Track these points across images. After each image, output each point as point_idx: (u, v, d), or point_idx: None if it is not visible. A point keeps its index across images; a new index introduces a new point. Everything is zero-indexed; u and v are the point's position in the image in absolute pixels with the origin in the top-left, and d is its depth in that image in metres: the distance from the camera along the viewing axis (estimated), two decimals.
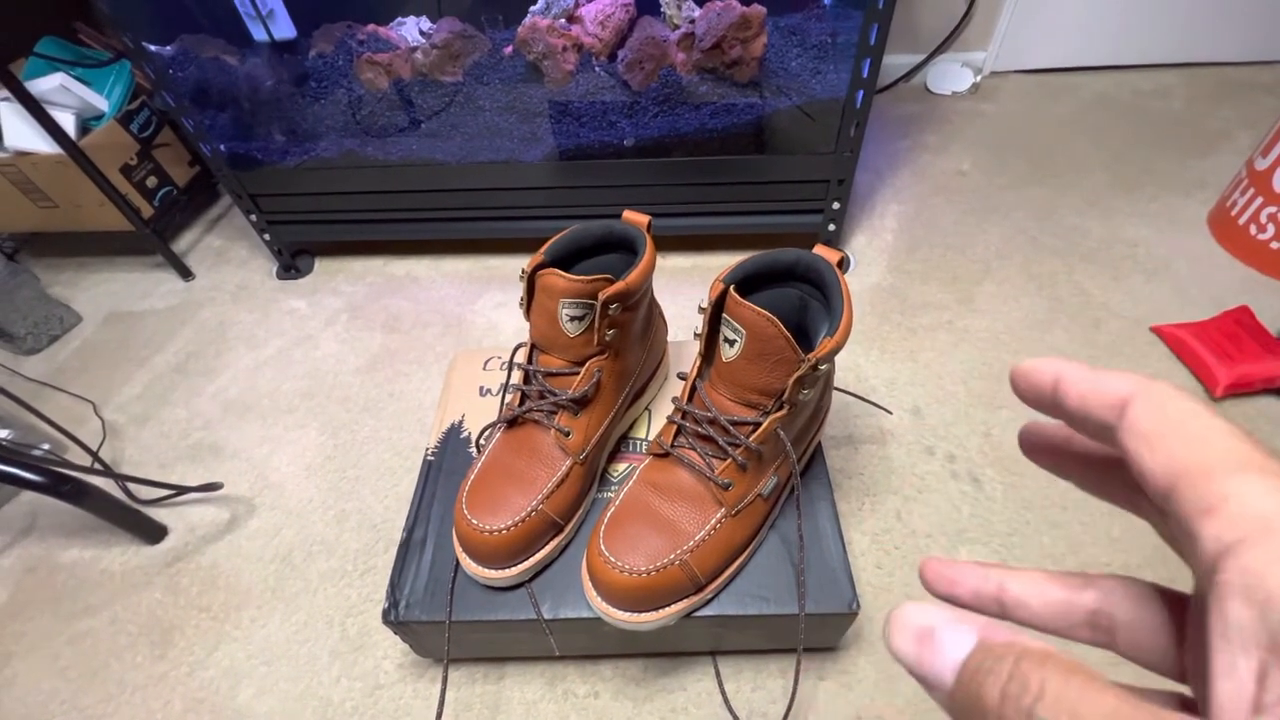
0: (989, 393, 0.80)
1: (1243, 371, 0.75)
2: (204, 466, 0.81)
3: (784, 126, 0.90)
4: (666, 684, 0.59)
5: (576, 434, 0.51)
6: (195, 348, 0.97)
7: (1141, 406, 0.15)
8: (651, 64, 0.85)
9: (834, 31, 0.87)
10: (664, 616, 0.47)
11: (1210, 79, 1.35)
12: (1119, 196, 1.08)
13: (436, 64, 0.88)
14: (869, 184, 1.15)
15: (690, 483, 0.48)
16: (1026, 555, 0.65)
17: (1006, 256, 0.99)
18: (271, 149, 0.96)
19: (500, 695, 0.59)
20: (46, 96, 0.92)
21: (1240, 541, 0.12)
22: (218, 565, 0.71)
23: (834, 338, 0.42)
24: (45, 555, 0.73)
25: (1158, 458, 0.14)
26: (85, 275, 1.13)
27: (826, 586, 0.50)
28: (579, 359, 0.50)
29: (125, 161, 1.01)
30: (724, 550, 0.48)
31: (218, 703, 0.60)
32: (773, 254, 0.46)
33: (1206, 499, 0.13)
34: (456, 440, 0.61)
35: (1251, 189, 0.92)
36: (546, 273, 0.47)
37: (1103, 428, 0.16)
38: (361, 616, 0.65)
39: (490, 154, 0.93)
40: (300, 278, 1.07)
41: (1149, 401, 0.15)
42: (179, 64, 0.89)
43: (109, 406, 0.89)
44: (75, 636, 0.66)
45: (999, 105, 1.34)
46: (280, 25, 0.88)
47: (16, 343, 0.98)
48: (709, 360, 0.47)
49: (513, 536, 0.48)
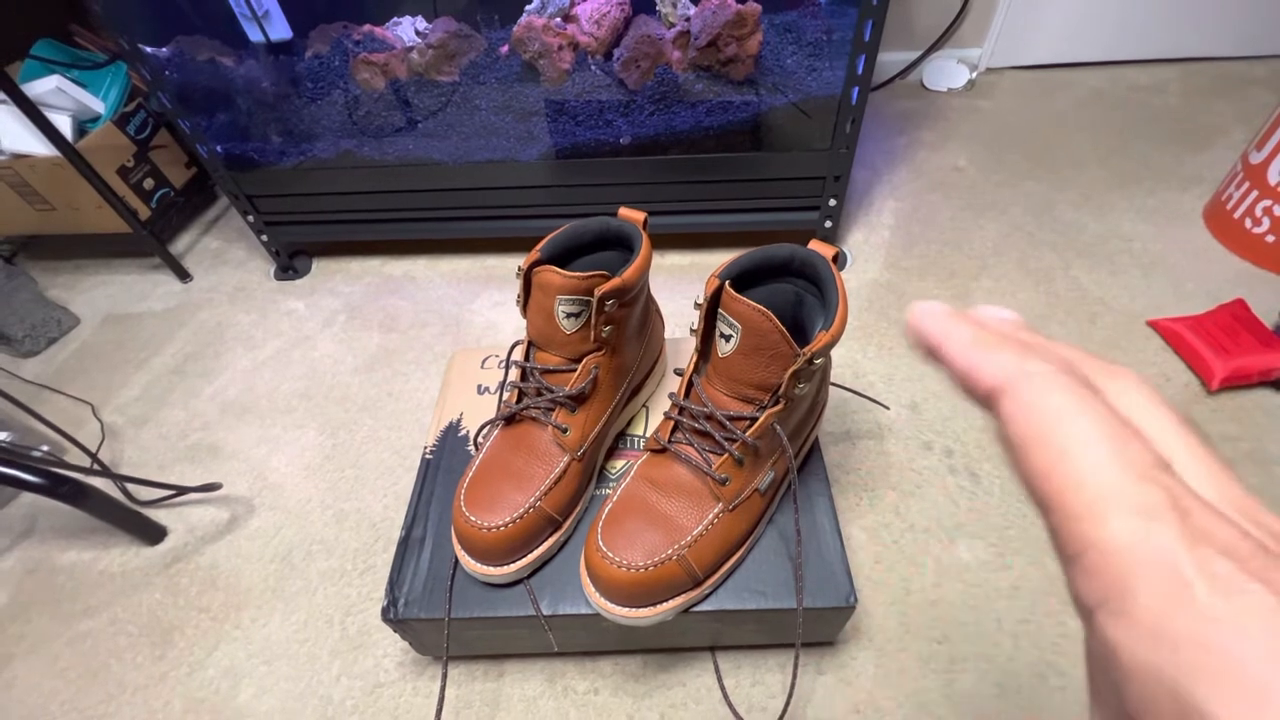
0: None
1: (1238, 364, 0.75)
2: (203, 467, 0.81)
3: (780, 124, 0.90)
4: (666, 680, 0.59)
5: (574, 431, 0.51)
6: (193, 349, 0.97)
7: (1010, 407, 0.13)
8: (647, 62, 0.85)
9: (829, 28, 0.87)
10: (662, 612, 0.47)
11: (1205, 74, 1.35)
12: (1115, 191, 1.08)
13: (432, 64, 0.88)
14: (866, 181, 1.15)
15: (687, 478, 0.48)
16: (1024, 549, 0.65)
17: (1003, 252, 0.99)
18: (268, 150, 0.96)
19: (500, 692, 0.59)
20: (43, 99, 0.93)
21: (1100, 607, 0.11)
22: (217, 565, 0.71)
23: (829, 332, 0.42)
24: (45, 557, 0.73)
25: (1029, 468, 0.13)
26: (83, 277, 1.13)
27: (824, 581, 0.50)
28: (576, 356, 0.50)
29: (122, 163, 1.01)
30: (722, 545, 0.48)
31: (218, 703, 0.61)
32: (768, 249, 0.46)
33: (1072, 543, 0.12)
34: (455, 439, 0.61)
35: (1247, 183, 0.92)
36: (543, 269, 0.47)
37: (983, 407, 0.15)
38: (361, 615, 0.65)
39: (487, 153, 0.93)
40: (298, 278, 1.07)
41: (1016, 403, 0.13)
42: (175, 65, 0.89)
43: (107, 408, 0.89)
44: (75, 637, 0.66)
45: (995, 101, 1.34)
46: (276, 26, 0.88)
47: (15, 345, 0.98)
48: (705, 356, 0.47)
49: (511, 533, 0.48)
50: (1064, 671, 0.57)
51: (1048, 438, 0.13)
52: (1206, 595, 0.10)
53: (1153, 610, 0.10)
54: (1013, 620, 0.61)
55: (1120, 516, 0.11)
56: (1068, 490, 0.12)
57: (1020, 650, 0.59)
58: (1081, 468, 0.12)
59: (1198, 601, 0.10)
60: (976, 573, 0.64)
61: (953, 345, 0.15)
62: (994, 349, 0.15)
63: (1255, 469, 0.70)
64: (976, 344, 0.15)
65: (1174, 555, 0.11)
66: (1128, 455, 0.12)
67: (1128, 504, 0.11)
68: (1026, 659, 0.58)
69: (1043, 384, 0.13)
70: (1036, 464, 0.13)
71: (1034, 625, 0.60)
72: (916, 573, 0.64)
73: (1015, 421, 0.13)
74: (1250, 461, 0.71)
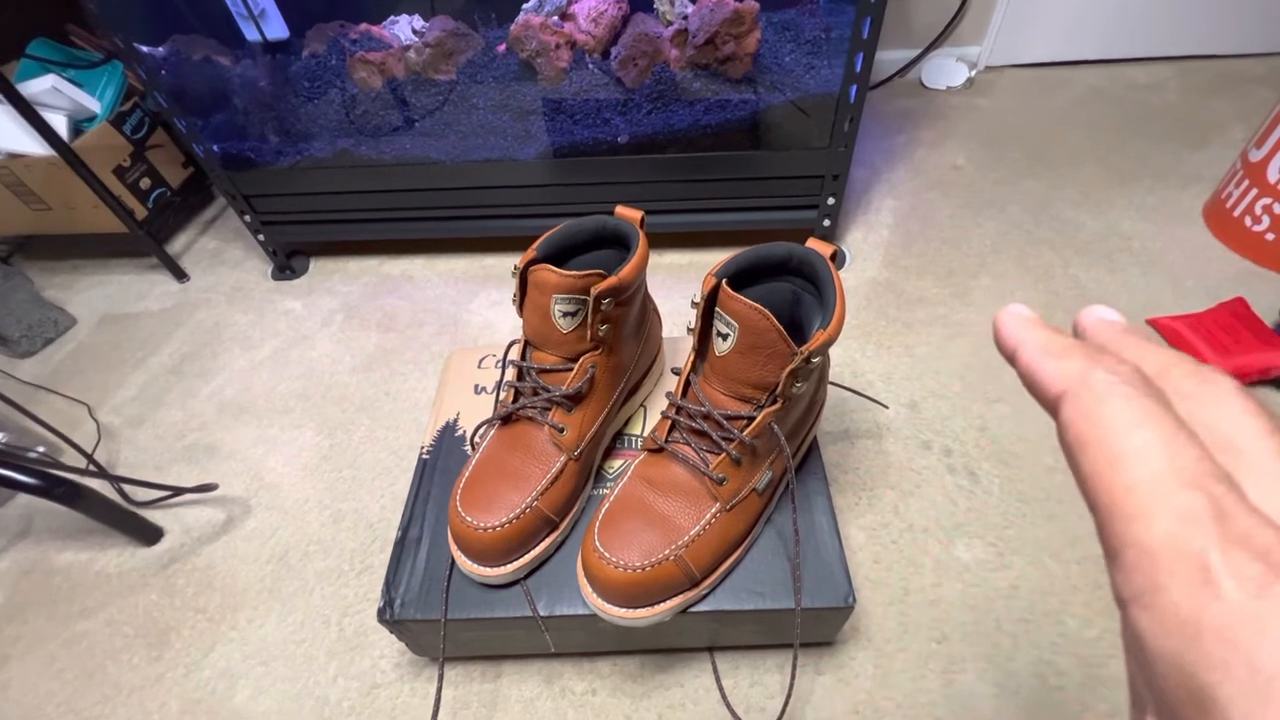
0: (985, 386, 0.80)
1: (1238, 363, 0.75)
2: (199, 468, 0.81)
3: (778, 122, 0.90)
4: (664, 680, 0.59)
5: (571, 430, 0.51)
6: (190, 349, 0.97)
7: (1070, 411, 0.14)
8: (645, 61, 0.85)
9: (827, 26, 0.86)
10: (660, 612, 0.47)
11: (1204, 72, 1.35)
12: (1114, 190, 1.08)
13: (430, 63, 0.88)
14: (864, 179, 1.15)
15: (685, 478, 0.48)
16: (1023, 549, 0.65)
17: (1002, 250, 0.99)
18: (265, 149, 0.95)
19: (497, 693, 0.59)
20: (38, 98, 0.92)
21: (1134, 600, 0.12)
22: (214, 566, 0.70)
23: (827, 330, 0.42)
24: (41, 558, 0.73)
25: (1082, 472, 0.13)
26: (79, 278, 1.13)
27: (822, 581, 0.50)
28: (572, 355, 0.50)
29: (118, 163, 1.01)
30: (719, 545, 0.47)
31: (214, 704, 0.60)
32: (766, 248, 0.46)
33: (1114, 540, 0.12)
34: (451, 439, 0.61)
35: (1246, 181, 0.92)
36: (539, 268, 0.47)
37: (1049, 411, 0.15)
38: (358, 616, 0.65)
39: (484, 152, 0.92)
40: (295, 278, 1.07)
41: (1077, 407, 0.14)
42: (171, 65, 0.89)
43: (104, 409, 0.89)
44: (71, 639, 0.66)
45: (994, 100, 1.34)
46: (272, 25, 0.88)
47: (11, 346, 0.97)
48: (703, 355, 0.47)
49: (507, 534, 0.48)
50: (1063, 671, 0.57)
51: (1101, 444, 0.13)
52: (1234, 592, 0.11)
53: (1180, 603, 0.11)
54: (1012, 620, 0.60)
55: (1161, 519, 0.12)
56: (1116, 494, 0.13)
57: (1020, 650, 0.59)
58: (1130, 474, 0.12)
59: (1224, 598, 0.11)
60: (975, 572, 0.64)
61: (1026, 350, 0.16)
62: (1062, 356, 0.15)
63: None
64: (1046, 350, 0.15)
65: (1206, 554, 0.11)
66: (1178, 463, 0.12)
67: (1170, 508, 0.12)
68: (1026, 659, 0.58)
69: (1103, 391, 0.14)
70: (1089, 468, 0.13)
71: (1033, 625, 0.60)
72: (915, 572, 0.64)
73: (1072, 426, 0.14)
74: None
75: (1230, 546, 0.11)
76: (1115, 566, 0.13)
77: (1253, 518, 0.12)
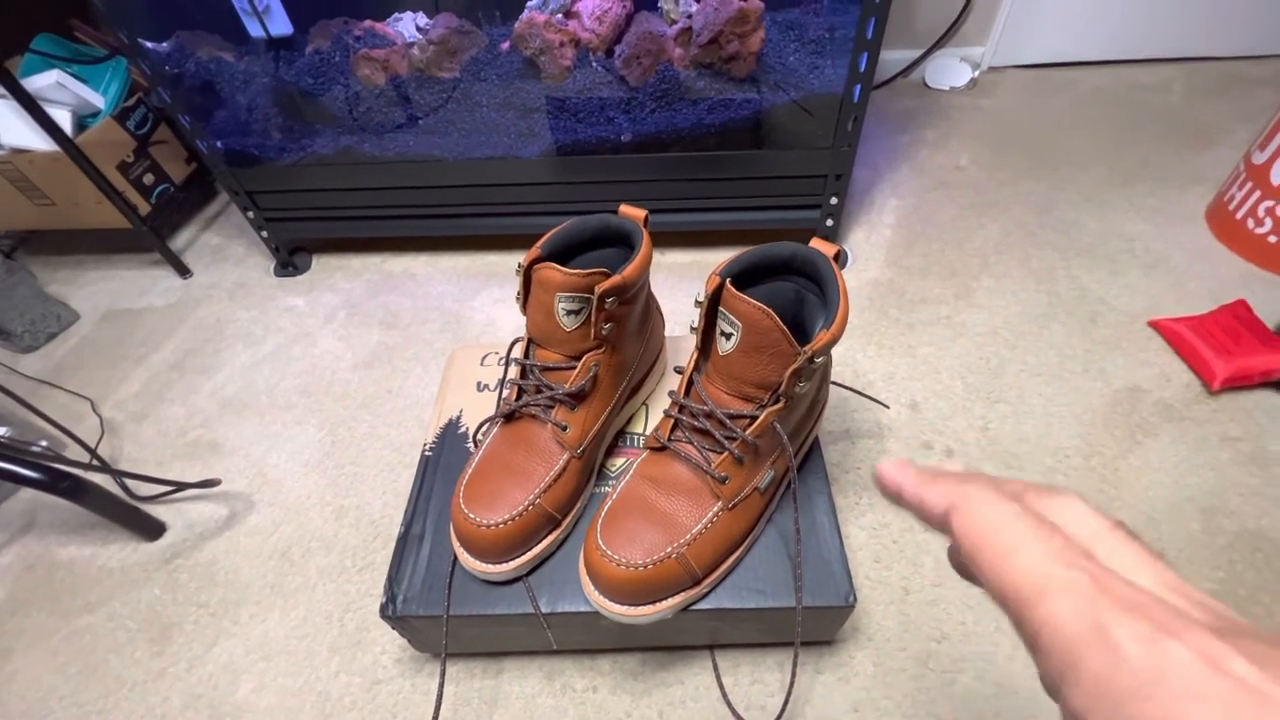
0: (987, 387, 0.80)
1: (1240, 365, 0.75)
2: (202, 463, 0.81)
3: (782, 121, 0.90)
4: (665, 678, 0.59)
5: (573, 428, 0.51)
6: (193, 345, 0.97)
7: (959, 522, 0.17)
8: (649, 59, 0.85)
9: (831, 26, 0.86)
10: (661, 610, 0.47)
11: (1208, 73, 1.34)
12: (1116, 191, 1.08)
13: (433, 60, 0.88)
14: (867, 179, 1.15)
15: (687, 476, 0.48)
16: None
17: (1004, 251, 0.99)
18: (268, 146, 0.96)
19: (498, 690, 0.59)
20: (43, 93, 0.92)
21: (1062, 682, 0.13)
22: (216, 561, 0.71)
23: (830, 330, 0.42)
24: (44, 552, 0.73)
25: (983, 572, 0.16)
26: (83, 273, 1.13)
27: (823, 580, 0.50)
28: (576, 353, 0.50)
29: (122, 159, 1.01)
30: (721, 544, 0.48)
31: (216, 698, 0.61)
32: (769, 247, 0.46)
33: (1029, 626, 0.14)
34: (454, 436, 0.61)
35: (1249, 183, 0.91)
36: (543, 266, 0.47)
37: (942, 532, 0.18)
38: (360, 612, 0.65)
39: (488, 150, 0.92)
40: (298, 275, 1.07)
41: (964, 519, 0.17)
42: (175, 61, 0.89)
43: (107, 404, 0.89)
44: (74, 633, 0.66)
45: (997, 100, 1.34)
46: (276, 21, 0.88)
47: (14, 340, 0.98)
48: (706, 354, 0.47)
49: (510, 531, 0.48)
50: None
51: (990, 544, 0.16)
52: (1135, 653, 0.12)
53: (1098, 673, 0.13)
54: None
55: (1056, 597, 0.14)
56: (1017, 581, 0.15)
57: (1020, 650, 0.59)
58: (1020, 563, 0.15)
59: (1130, 661, 0.12)
60: None
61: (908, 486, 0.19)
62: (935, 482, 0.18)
63: (1256, 470, 0.70)
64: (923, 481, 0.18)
65: (1104, 622, 0.13)
66: (1053, 548, 0.15)
67: (1059, 586, 0.14)
68: (1026, 659, 0.58)
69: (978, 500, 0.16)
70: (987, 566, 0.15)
71: None
72: (916, 572, 0.64)
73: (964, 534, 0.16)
74: (1251, 462, 0.71)
75: (1119, 613, 0.13)
76: (1038, 654, 0.14)
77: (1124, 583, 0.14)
